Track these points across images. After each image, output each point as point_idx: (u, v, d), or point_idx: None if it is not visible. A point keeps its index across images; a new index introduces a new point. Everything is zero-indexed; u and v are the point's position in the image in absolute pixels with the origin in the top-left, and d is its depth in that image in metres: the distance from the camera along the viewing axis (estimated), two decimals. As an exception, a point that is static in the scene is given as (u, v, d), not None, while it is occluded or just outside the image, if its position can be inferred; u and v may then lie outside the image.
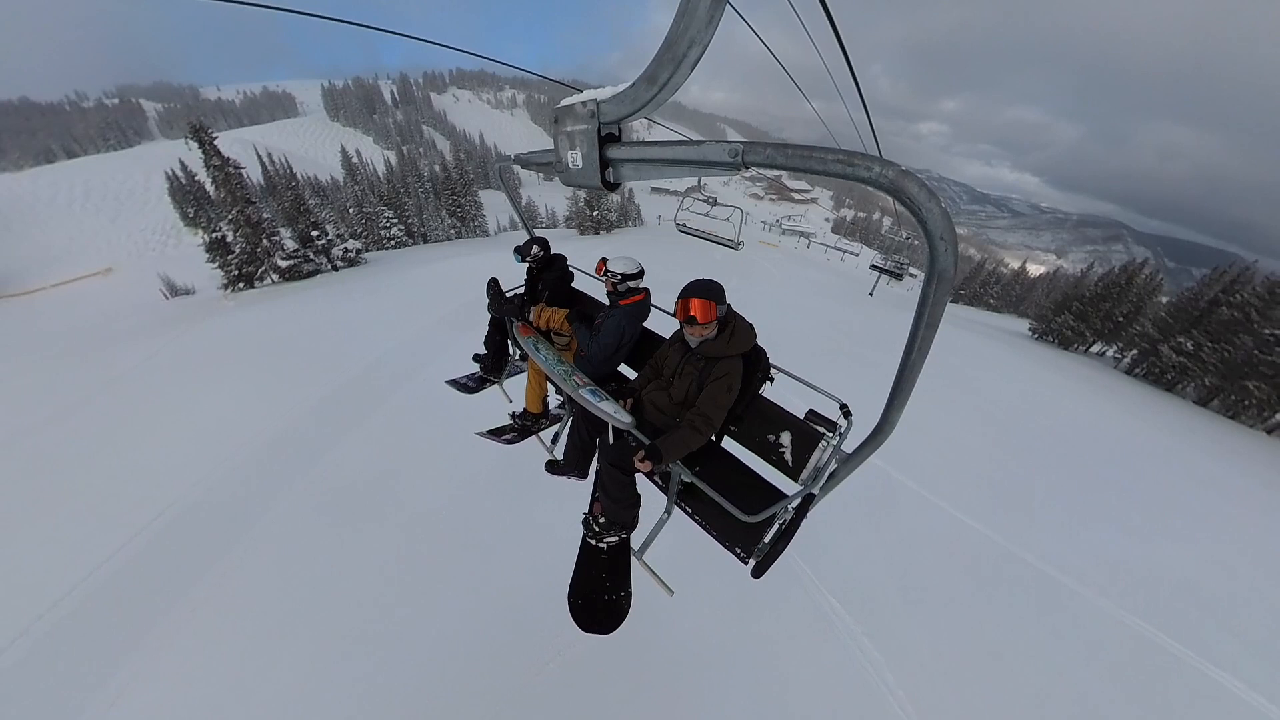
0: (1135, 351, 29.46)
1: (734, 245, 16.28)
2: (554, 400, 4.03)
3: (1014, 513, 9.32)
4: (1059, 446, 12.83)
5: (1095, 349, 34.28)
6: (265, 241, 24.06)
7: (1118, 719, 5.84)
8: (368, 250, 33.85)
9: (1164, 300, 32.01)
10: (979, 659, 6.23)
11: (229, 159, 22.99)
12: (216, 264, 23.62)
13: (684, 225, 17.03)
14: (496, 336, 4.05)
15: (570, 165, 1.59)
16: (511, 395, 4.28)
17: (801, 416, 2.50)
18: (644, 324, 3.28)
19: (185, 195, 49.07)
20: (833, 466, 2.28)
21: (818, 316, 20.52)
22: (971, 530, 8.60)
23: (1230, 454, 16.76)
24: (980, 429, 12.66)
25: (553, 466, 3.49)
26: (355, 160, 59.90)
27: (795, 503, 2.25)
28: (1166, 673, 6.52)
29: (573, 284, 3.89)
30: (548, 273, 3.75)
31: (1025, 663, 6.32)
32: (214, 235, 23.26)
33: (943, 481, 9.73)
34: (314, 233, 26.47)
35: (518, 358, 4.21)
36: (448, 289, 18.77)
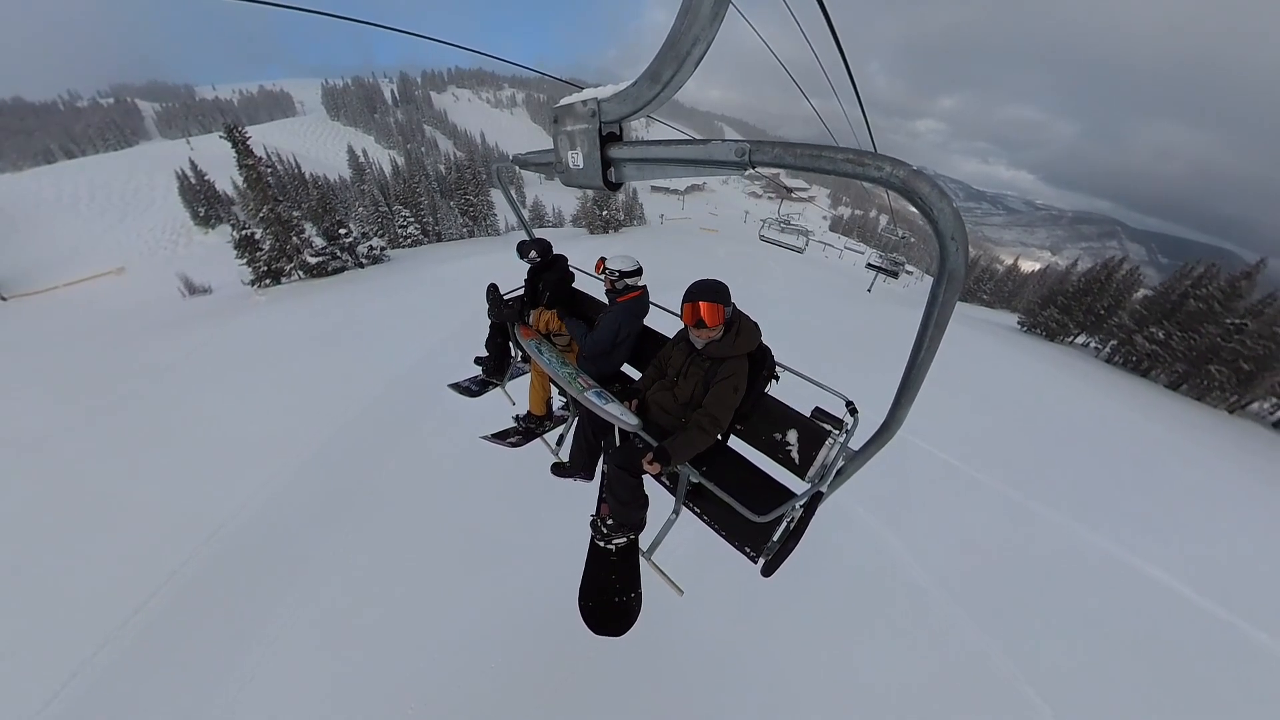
0: (1114, 341, 31.64)
1: (800, 250, 25.13)
2: (558, 402, 4.02)
3: (1027, 487, 9.94)
4: (1052, 427, 13.77)
5: (1080, 340, 35.77)
6: (295, 239, 24.36)
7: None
8: (387, 249, 34.05)
9: (1145, 294, 33.56)
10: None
11: (260, 158, 23.21)
12: (245, 260, 23.97)
13: (764, 236, 26.01)
14: (498, 339, 4.03)
15: (571, 165, 1.57)
16: (514, 398, 4.26)
17: (808, 414, 2.49)
18: (645, 322, 3.28)
19: (195, 194, 49.06)
20: (840, 464, 2.27)
21: (820, 313, 20.61)
22: (993, 491, 9.41)
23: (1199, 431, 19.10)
24: (978, 413, 13.22)
25: (558, 468, 3.49)
26: (363, 160, 60.11)
27: (804, 501, 2.24)
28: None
29: (574, 284, 3.88)
30: (548, 274, 3.74)
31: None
32: (243, 233, 23.53)
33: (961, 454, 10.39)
34: (341, 230, 26.75)
35: (519, 360, 4.19)
36: (472, 289, 18.86)
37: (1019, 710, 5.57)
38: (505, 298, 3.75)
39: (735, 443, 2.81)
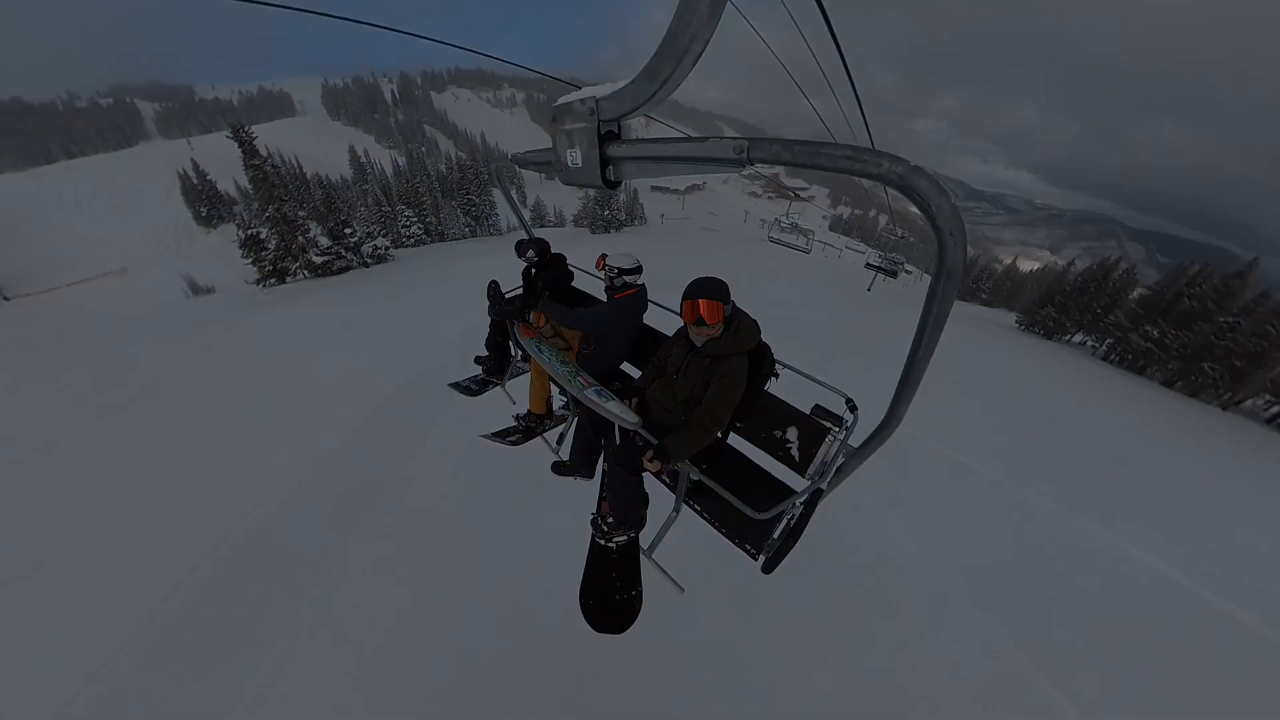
0: (1110, 339, 32.27)
1: (807, 251, 28.05)
2: (558, 401, 4.02)
3: (1027, 482, 10.16)
4: (1050, 423, 14.09)
5: (1077, 339, 36.18)
6: (300, 238, 24.44)
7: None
8: (391, 248, 34.03)
9: (1141, 293, 33.91)
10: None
11: (265, 158, 23.30)
12: (250, 260, 24.08)
13: (772, 238, 28.23)
14: (498, 338, 4.03)
15: (569, 164, 1.57)
16: (515, 397, 4.26)
17: (808, 412, 2.50)
18: (644, 321, 3.28)
19: (197, 194, 49.21)
20: (840, 461, 2.28)
21: (820, 312, 20.66)
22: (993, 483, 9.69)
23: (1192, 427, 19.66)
24: (977, 409, 13.41)
25: (559, 467, 3.49)
26: (364, 160, 60.30)
27: (804, 498, 2.24)
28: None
29: (573, 283, 3.88)
30: (546, 273, 3.74)
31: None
32: (249, 232, 23.62)
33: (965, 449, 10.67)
34: (346, 229, 26.79)
35: (519, 359, 4.20)
36: (476, 290, 18.67)
37: (1029, 701, 5.59)
38: (506, 295, 3.76)
39: (735, 440, 2.82)
